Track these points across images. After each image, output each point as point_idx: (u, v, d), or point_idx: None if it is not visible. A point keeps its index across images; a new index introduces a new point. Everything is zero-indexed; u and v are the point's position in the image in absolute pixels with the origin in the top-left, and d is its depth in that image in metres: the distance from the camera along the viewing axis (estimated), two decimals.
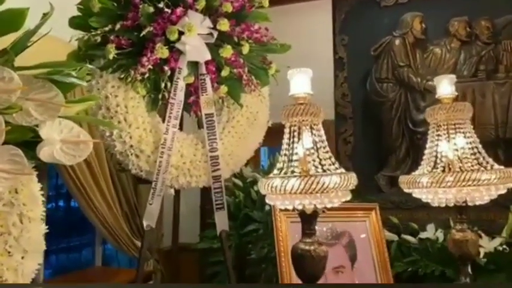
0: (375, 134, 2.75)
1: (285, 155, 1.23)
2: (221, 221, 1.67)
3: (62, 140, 0.92)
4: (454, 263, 1.92)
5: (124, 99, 1.48)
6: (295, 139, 1.23)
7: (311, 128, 1.23)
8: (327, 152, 1.22)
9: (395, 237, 2.17)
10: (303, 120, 1.22)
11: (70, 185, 2.25)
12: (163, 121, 1.60)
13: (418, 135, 2.60)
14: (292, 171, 1.21)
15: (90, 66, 1.18)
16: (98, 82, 1.46)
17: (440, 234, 2.14)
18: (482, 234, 1.98)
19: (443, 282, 1.90)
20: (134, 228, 2.69)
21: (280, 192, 1.14)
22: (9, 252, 0.86)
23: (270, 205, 2.20)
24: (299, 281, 1.59)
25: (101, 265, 2.78)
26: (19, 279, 0.87)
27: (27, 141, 0.90)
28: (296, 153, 1.22)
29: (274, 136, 1.90)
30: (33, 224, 0.92)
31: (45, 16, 0.85)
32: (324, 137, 1.23)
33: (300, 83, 1.25)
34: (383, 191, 2.65)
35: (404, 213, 2.48)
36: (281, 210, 1.70)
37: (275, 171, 1.24)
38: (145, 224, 1.56)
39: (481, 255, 1.90)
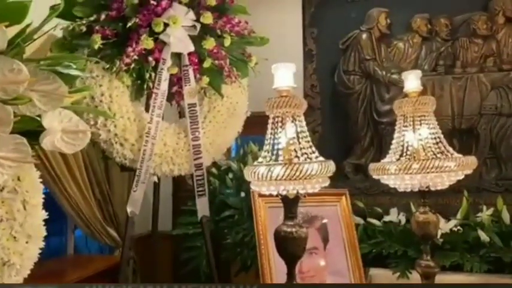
0: (342, 124, 2.89)
1: (269, 144, 1.32)
2: (202, 207, 1.74)
3: (62, 129, 0.96)
4: (414, 243, 2.11)
5: (108, 88, 1.51)
6: (279, 129, 1.31)
7: (294, 119, 1.31)
8: (308, 141, 1.31)
9: (361, 221, 2.32)
10: (286, 112, 1.30)
11: (43, 173, 2.23)
12: (146, 110, 1.64)
13: (382, 125, 2.76)
14: (276, 160, 1.29)
15: (94, 58, 1.20)
16: None
17: (402, 218, 2.31)
18: (439, 217, 2.16)
19: (405, 261, 2.08)
20: (107, 216, 2.71)
21: (266, 179, 1.23)
22: (14, 238, 0.89)
23: (245, 192, 2.31)
24: (277, 262, 1.70)
25: (72, 253, 2.78)
26: (24, 262, 0.91)
27: (29, 130, 0.93)
28: (280, 143, 1.31)
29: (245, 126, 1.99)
30: (35, 210, 0.96)
31: (53, 11, 0.88)
32: (305, 128, 1.33)
33: (283, 76, 1.33)
34: (348, 177, 2.80)
35: (369, 198, 2.64)
36: (260, 196, 1.80)
37: (259, 160, 1.33)
38: (129, 210, 1.61)
39: (439, 235, 2.08)
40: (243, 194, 2.30)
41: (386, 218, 2.34)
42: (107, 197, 2.66)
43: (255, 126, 2.10)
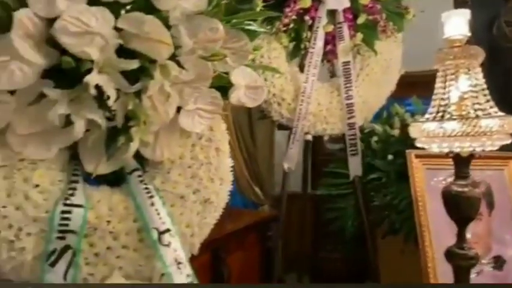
0: (502, 82, 2.57)
1: (439, 99, 1.24)
2: (355, 166, 1.74)
3: (245, 85, 1.04)
4: None
5: (267, 50, 1.57)
6: (450, 82, 1.22)
7: (468, 70, 1.21)
8: (485, 95, 1.20)
9: None
10: (461, 63, 1.20)
11: None
12: (300, 70, 1.68)
13: None
14: (445, 116, 1.21)
15: (274, 13, 1.25)
16: None
17: None
18: None
19: None
20: (252, 174, 2.90)
21: (438, 135, 1.17)
22: (212, 179, 1.02)
23: (393, 154, 2.24)
24: (437, 225, 1.63)
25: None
26: (220, 201, 1.04)
27: (220, 86, 1.03)
28: (450, 97, 1.22)
29: None
30: (225, 157, 1.07)
31: None
32: (483, 80, 1.21)
33: (456, 24, 1.22)
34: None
35: None
36: (417, 156, 1.72)
37: (426, 116, 1.26)
38: (286, 166, 1.69)
39: None
40: (390, 157, 2.23)
41: None
42: (252, 156, 2.84)
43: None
